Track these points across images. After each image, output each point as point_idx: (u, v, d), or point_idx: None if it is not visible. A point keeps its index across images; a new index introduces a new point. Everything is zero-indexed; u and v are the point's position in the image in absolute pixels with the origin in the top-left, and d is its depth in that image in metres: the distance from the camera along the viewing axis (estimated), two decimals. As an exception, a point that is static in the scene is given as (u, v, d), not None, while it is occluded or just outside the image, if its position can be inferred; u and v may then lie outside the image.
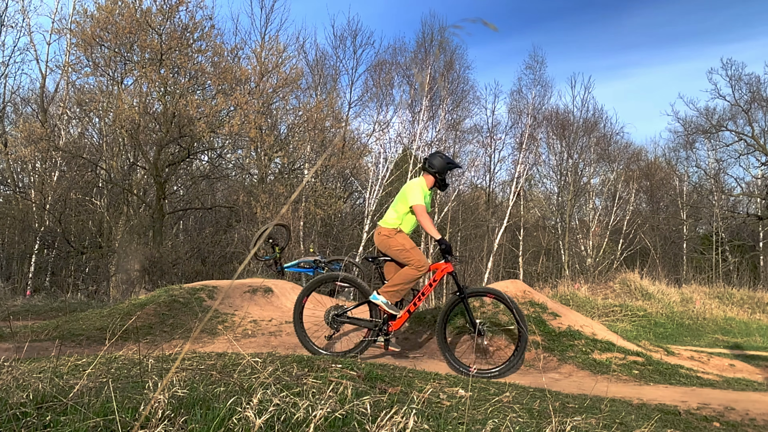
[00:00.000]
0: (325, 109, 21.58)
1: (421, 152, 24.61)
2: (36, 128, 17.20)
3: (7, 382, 2.28)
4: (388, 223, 4.97)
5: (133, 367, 2.97)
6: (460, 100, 26.47)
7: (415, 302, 4.95)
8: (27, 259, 18.25)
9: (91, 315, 7.03)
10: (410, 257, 4.83)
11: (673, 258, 28.97)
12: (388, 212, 5.08)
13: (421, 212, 4.85)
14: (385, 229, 4.95)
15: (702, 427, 3.52)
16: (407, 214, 4.97)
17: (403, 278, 4.81)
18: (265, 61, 20.70)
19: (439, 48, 26.23)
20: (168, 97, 17.86)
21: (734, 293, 16.59)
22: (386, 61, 25.44)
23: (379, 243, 5.00)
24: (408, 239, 4.95)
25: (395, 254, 4.91)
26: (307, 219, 19.58)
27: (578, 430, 2.48)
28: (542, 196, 31.14)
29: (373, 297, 4.89)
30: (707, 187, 30.32)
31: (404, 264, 4.88)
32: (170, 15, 17.71)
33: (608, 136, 29.84)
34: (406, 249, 4.86)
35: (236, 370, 2.70)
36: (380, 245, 5.00)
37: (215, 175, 20.95)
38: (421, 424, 2.03)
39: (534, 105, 27.27)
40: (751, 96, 27.62)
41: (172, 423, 1.78)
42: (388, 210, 5.10)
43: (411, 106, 24.39)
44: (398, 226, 4.94)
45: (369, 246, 22.56)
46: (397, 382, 3.14)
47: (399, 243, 4.89)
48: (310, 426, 1.84)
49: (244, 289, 7.95)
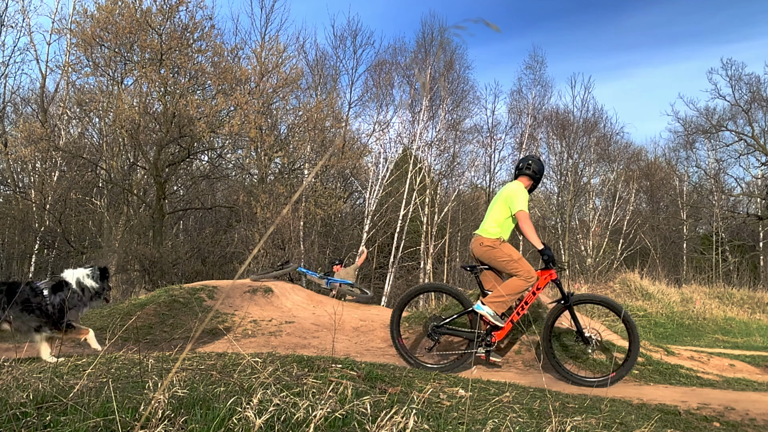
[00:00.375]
0: (325, 109, 21.59)
1: (421, 152, 24.64)
2: (36, 128, 17.20)
3: (7, 382, 2.28)
4: (490, 233, 4.77)
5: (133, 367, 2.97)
6: (460, 100, 26.50)
7: (518, 311, 4.76)
8: (27, 259, 18.26)
9: (91, 315, 7.02)
10: (518, 268, 4.65)
11: (673, 258, 28.98)
12: (486, 221, 4.87)
13: (525, 219, 4.66)
14: (488, 240, 4.75)
15: (702, 427, 3.52)
16: (507, 220, 4.79)
17: (511, 289, 4.63)
18: (265, 61, 20.71)
19: (440, 48, 26.24)
20: (168, 97, 17.87)
21: (734, 293, 16.60)
22: (386, 61, 25.49)
23: (481, 254, 4.80)
24: (514, 249, 4.78)
25: (501, 265, 4.72)
26: (307, 219, 19.59)
27: (578, 430, 2.48)
28: (542, 196, 31.15)
29: (477, 307, 4.69)
30: (707, 187, 30.33)
31: (510, 274, 4.69)
32: (170, 15, 17.71)
33: (608, 136, 29.88)
34: (514, 259, 4.67)
35: (236, 370, 2.70)
36: (482, 256, 4.81)
37: (215, 175, 20.95)
38: (421, 424, 2.03)
39: (534, 105, 27.31)
40: (751, 96, 27.65)
41: (172, 423, 1.78)
42: (486, 219, 4.89)
43: (411, 106, 24.42)
44: (500, 236, 4.75)
45: (368, 246, 22.57)
46: (397, 382, 3.14)
47: (505, 254, 4.70)
48: (310, 426, 1.84)
49: (244, 289, 7.96)
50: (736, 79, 27.79)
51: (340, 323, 6.91)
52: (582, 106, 29.87)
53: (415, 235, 24.58)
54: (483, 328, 4.74)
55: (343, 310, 7.89)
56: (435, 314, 5.10)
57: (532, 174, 4.93)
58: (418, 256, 24.37)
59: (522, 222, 4.67)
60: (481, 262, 4.88)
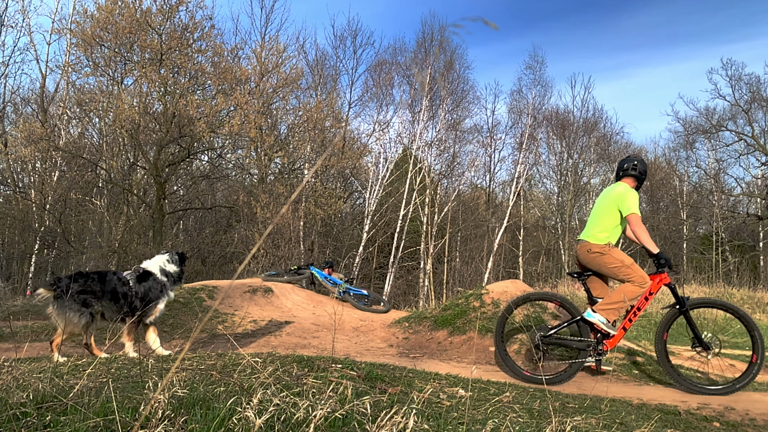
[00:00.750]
0: (325, 109, 21.58)
1: (421, 152, 24.64)
2: (36, 128, 17.19)
3: (7, 382, 2.28)
4: (599, 239, 4.61)
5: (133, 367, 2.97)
6: (460, 100, 26.48)
7: (629, 318, 4.59)
8: (27, 259, 18.25)
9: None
10: (631, 274, 4.49)
11: (673, 258, 28.82)
12: (592, 226, 4.71)
13: (638, 222, 4.48)
14: (597, 246, 4.60)
15: (702, 427, 3.52)
16: (616, 225, 4.64)
17: (625, 295, 4.46)
18: (265, 61, 20.70)
19: (439, 48, 26.23)
20: (168, 97, 17.86)
21: (734, 293, 16.58)
22: (386, 61, 25.46)
23: (590, 260, 4.65)
24: (625, 254, 4.62)
25: (612, 271, 4.57)
26: (307, 219, 19.59)
27: (578, 430, 2.47)
28: (542, 196, 31.15)
29: (588, 315, 4.55)
30: (707, 187, 30.32)
31: (622, 280, 4.54)
32: (170, 15, 17.71)
33: (608, 136, 29.88)
34: (626, 265, 4.52)
35: (236, 370, 2.70)
36: (590, 263, 4.66)
37: (215, 175, 20.95)
38: (421, 424, 2.03)
39: (534, 105, 27.27)
40: (751, 96, 27.62)
41: (172, 423, 1.78)
42: (592, 224, 4.73)
43: (411, 106, 24.41)
44: (609, 241, 4.59)
45: (368, 246, 22.59)
46: (397, 382, 3.14)
47: (617, 259, 4.54)
48: (310, 426, 1.84)
49: (244, 289, 7.96)
50: (736, 79, 27.79)
51: (340, 323, 6.92)
52: (582, 106, 29.91)
53: (415, 235, 24.57)
54: (593, 337, 4.59)
55: (343, 310, 7.89)
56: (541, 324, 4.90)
57: (637, 175, 4.76)
58: (418, 256, 24.36)
59: (634, 225, 4.49)
60: (586, 268, 4.73)
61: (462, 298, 6.86)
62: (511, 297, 6.41)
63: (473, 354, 5.35)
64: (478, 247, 26.15)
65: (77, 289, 4.02)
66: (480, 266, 24.71)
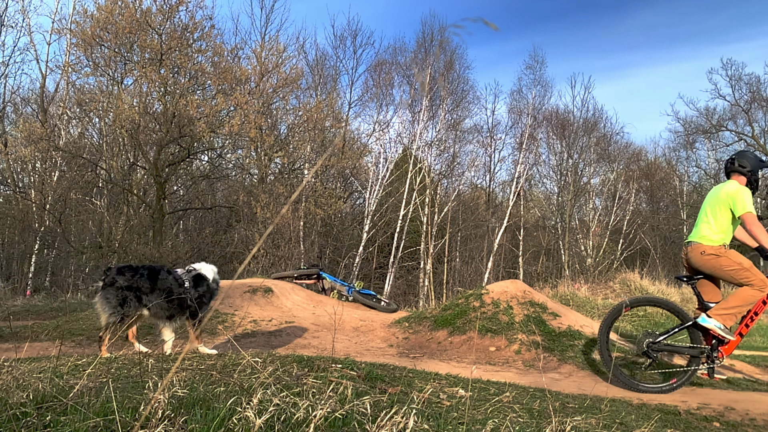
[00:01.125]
0: (325, 109, 21.59)
1: (421, 152, 24.64)
2: (36, 128, 17.19)
3: (7, 382, 2.28)
4: (712, 240, 4.41)
5: (133, 367, 2.97)
6: (460, 100, 26.48)
7: (746, 323, 4.41)
8: (27, 259, 18.25)
9: (91, 315, 7.02)
10: (750, 277, 4.29)
11: (673, 258, 28.94)
12: (703, 227, 4.49)
13: (754, 221, 4.26)
14: (710, 248, 4.39)
15: (702, 427, 3.52)
16: (729, 225, 4.43)
17: (743, 299, 4.28)
18: (265, 61, 20.70)
19: (439, 48, 26.23)
20: (168, 97, 17.86)
21: (734, 293, 16.58)
22: (386, 61, 25.45)
23: (703, 263, 4.43)
24: (743, 256, 4.41)
25: (729, 274, 4.37)
26: (307, 219, 19.59)
27: (578, 430, 2.47)
28: (542, 196, 31.15)
29: (702, 320, 4.35)
30: (707, 187, 30.30)
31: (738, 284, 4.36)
32: (170, 15, 17.71)
33: (608, 136, 29.87)
34: (744, 268, 4.32)
35: (236, 370, 2.70)
36: (704, 265, 4.44)
37: (215, 175, 20.95)
38: (421, 424, 2.03)
39: (534, 105, 27.28)
40: (751, 96, 27.63)
41: (172, 423, 1.78)
42: (702, 225, 4.51)
43: (411, 106, 24.41)
44: (724, 242, 4.41)
45: (368, 246, 22.59)
46: (397, 382, 3.14)
47: (734, 262, 4.34)
48: (310, 426, 1.84)
49: (244, 289, 7.96)
50: (736, 79, 27.80)
51: (340, 323, 6.91)
52: (582, 106, 29.88)
53: (415, 235, 24.57)
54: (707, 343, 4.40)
55: (343, 310, 7.88)
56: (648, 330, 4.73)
57: (745, 171, 4.51)
58: (418, 256, 24.36)
59: (750, 224, 4.30)
60: (697, 271, 4.54)
61: (462, 298, 6.86)
62: (511, 297, 6.41)
63: (473, 354, 5.35)
64: (478, 247, 26.15)
65: (123, 284, 3.89)
66: (480, 266, 24.71)
